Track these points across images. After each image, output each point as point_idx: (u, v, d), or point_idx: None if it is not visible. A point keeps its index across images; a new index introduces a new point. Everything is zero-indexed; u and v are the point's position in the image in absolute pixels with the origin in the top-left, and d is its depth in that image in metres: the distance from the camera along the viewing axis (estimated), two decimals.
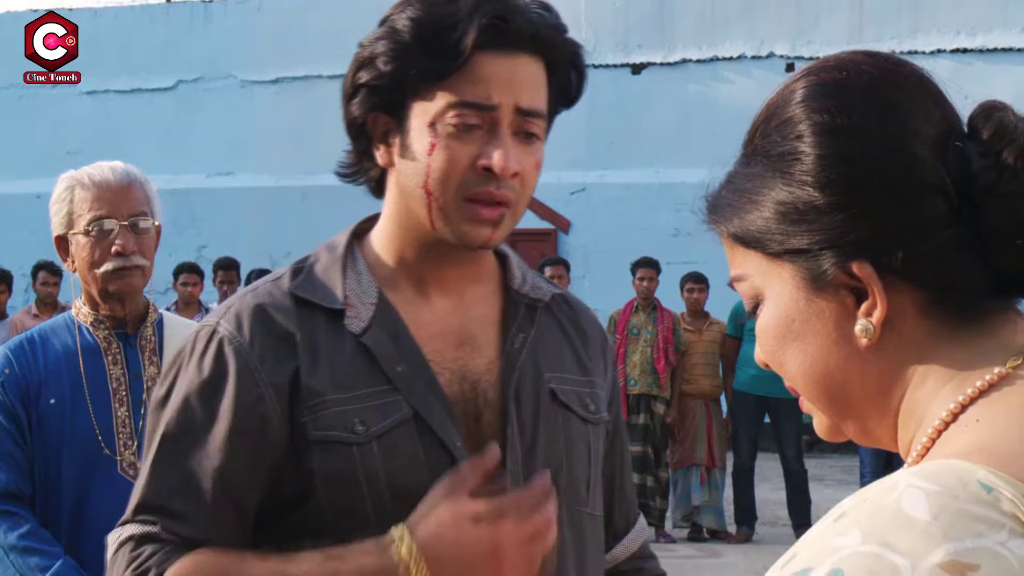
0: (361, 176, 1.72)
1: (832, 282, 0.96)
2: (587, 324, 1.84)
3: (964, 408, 0.92)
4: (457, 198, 1.59)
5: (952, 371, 0.94)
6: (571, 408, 1.73)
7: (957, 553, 0.79)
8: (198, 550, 1.59)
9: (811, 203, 0.95)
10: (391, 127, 1.64)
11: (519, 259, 1.81)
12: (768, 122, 1.01)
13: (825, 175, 0.95)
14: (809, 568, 0.82)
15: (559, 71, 1.65)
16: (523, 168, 1.60)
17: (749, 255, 1.01)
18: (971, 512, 0.82)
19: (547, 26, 1.62)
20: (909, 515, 0.82)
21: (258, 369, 1.61)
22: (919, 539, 0.80)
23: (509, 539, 1.57)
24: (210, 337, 1.64)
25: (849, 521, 0.84)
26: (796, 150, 0.97)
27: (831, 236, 0.95)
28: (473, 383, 1.67)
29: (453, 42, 1.56)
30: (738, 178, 1.02)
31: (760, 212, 0.99)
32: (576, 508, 1.72)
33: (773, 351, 1.02)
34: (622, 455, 1.90)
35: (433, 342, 1.67)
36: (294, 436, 1.60)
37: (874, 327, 0.95)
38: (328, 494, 1.59)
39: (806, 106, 0.97)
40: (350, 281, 1.67)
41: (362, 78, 1.63)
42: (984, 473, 0.84)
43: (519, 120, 1.60)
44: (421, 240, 1.66)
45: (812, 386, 1.01)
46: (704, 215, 1.05)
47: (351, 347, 1.63)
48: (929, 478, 0.84)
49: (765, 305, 1.01)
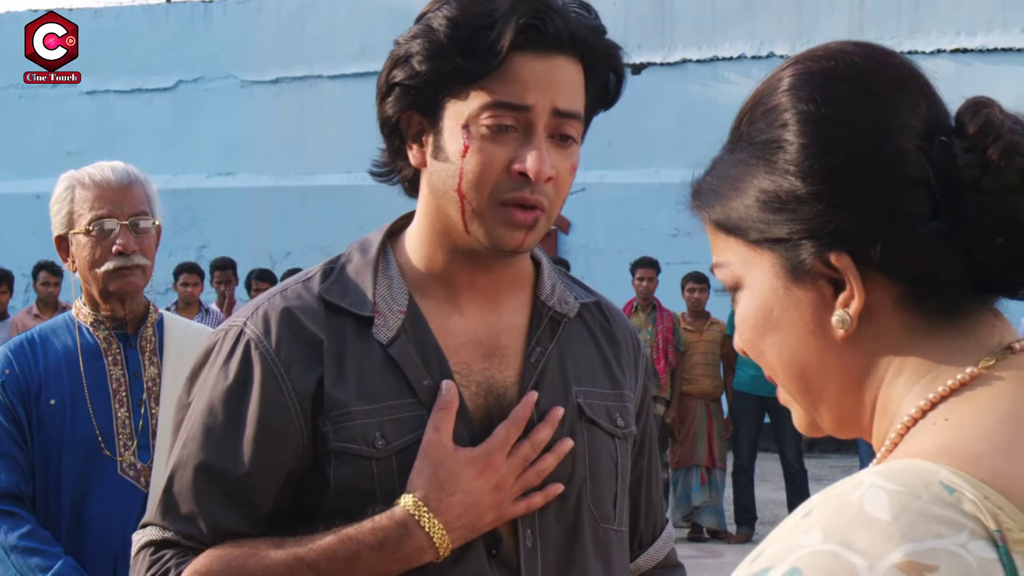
0: (395, 175, 1.69)
1: (811, 272, 0.96)
2: (620, 333, 1.81)
3: (934, 405, 0.92)
4: (491, 202, 1.56)
5: (926, 367, 0.94)
6: (598, 423, 1.71)
7: (915, 554, 0.79)
8: (214, 546, 1.60)
9: (793, 192, 0.95)
10: (424, 127, 1.61)
11: (552, 268, 1.77)
12: (754, 109, 1.01)
13: (808, 164, 0.94)
14: (770, 567, 0.83)
15: (598, 73, 1.62)
16: (558, 172, 1.57)
17: (730, 242, 1.01)
18: (932, 513, 0.81)
19: (586, 27, 1.59)
20: (870, 515, 0.82)
21: (283, 376, 1.59)
22: (878, 539, 0.80)
23: (504, 473, 1.59)
24: (237, 339, 1.63)
25: (812, 520, 0.84)
26: (780, 138, 0.96)
27: (811, 226, 0.94)
28: (499, 396, 1.65)
29: (490, 42, 1.54)
30: (723, 164, 1.02)
31: (742, 200, 0.98)
32: (601, 526, 1.70)
33: (751, 340, 1.02)
34: (650, 463, 1.87)
35: (461, 352, 1.65)
36: (315, 445, 1.59)
37: (851, 318, 0.95)
38: (342, 504, 1.58)
39: (792, 94, 0.97)
40: (380, 287, 1.65)
41: (396, 76, 1.60)
42: (947, 474, 0.84)
43: (555, 122, 1.57)
44: (453, 243, 1.63)
45: (789, 376, 1.01)
46: (688, 201, 1.05)
47: (378, 356, 1.61)
48: (892, 478, 0.84)
49: (744, 293, 1.01)
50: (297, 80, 15.52)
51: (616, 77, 1.65)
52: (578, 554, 1.66)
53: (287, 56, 15.48)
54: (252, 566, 1.56)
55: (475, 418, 1.63)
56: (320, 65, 15.14)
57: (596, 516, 1.69)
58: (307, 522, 1.61)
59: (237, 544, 1.59)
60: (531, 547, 1.63)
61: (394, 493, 1.57)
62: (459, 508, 1.56)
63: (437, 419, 1.58)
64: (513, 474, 1.60)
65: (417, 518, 1.55)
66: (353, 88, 14.12)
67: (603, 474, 1.70)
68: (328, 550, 1.55)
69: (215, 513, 1.60)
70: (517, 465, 1.60)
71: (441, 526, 1.55)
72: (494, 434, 1.60)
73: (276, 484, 1.60)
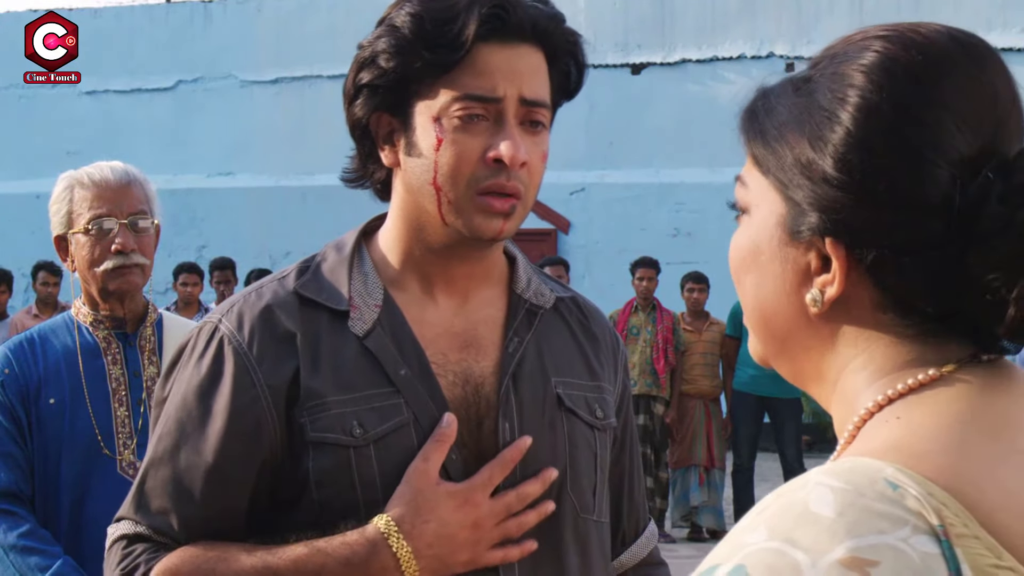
0: (366, 180, 1.71)
1: (806, 241, 0.97)
2: (598, 328, 1.82)
3: (891, 401, 0.93)
4: (468, 192, 1.58)
5: (890, 365, 0.95)
6: (577, 413, 1.72)
7: (858, 549, 0.80)
8: (185, 546, 1.60)
9: (823, 171, 0.95)
10: (395, 127, 1.63)
11: (528, 263, 1.79)
12: (834, 60, 0.99)
13: (845, 153, 0.94)
14: (717, 564, 0.84)
15: (559, 62, 1.65)
16: (531, 158, 1.60)
17: (756, 172, 1.01)
18: (875, 509, 0.82)
19: (546, 16, 1.62)
20: (815, 512, 0.83)
21: (255, 370, 1.60)
22: (822, 536, 0.81)
23: (483, 513, 1.59)
24: (211, 335, 1.64)
25: (761, 518, 0.85)
26: (835, 113, 0.95)
27: (823, 205, 0.95)
28: (476, 386, 1.66)
29: (454, 34, 1.56)
30: (782, 99, 1.01)
31: (781, 148, 0.98)
32: (581, 515, 1.71)
33: (736, 268, 1.04)
34: (631, 461, 1.88)
35: (437, 343, 1.66)
36: (291, 437, 1.60)
37: (823, 303, 0.96)
38: (321, 495, 1.59)
39: (867, 75, 0.95)
40: (356, 282, 1.66)
41: (364, 78, 1.62)
42: (892, 471, 0.85)
43: (523, 110, 1.60)
44: (430, 238, 1.65)
45: (757, 318, 1.03)
46: (738, 118, 1.04)
47: (354, 348, 1.62)
48: (838, 476, 0.85)
49: (747, 221, 1.02)
50: (297, 80, 15.52)
51: (577, 66, 1.68)
52: (558, 543, 1.67)
53: (287, 56, 15.48)
54: (221, 571, 1.57)
55: (454, 408, 1.63)
56: (320, 65, 15.14)
57: (576, 506, 1.70)
58: (285, 515, 1.61)
59: (209, 546, 1.60)
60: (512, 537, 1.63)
61: (373, 482, 1.58)
62: (431, 537, 1.56)
63: (429, 449, 1.59)
64: (493, 517, 1.60)
65: (387, 537, 1.55)
66: None
67: (582, 464, 1.71)
68: (298, 560, 1.56)
69: (186, 508, 1.61)
70: (499, 510, 1.61)
71: (410, 550, 1.55)
72: (479, 472, 1.61)
73: (249, 477, 1.60)
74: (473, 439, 1.64)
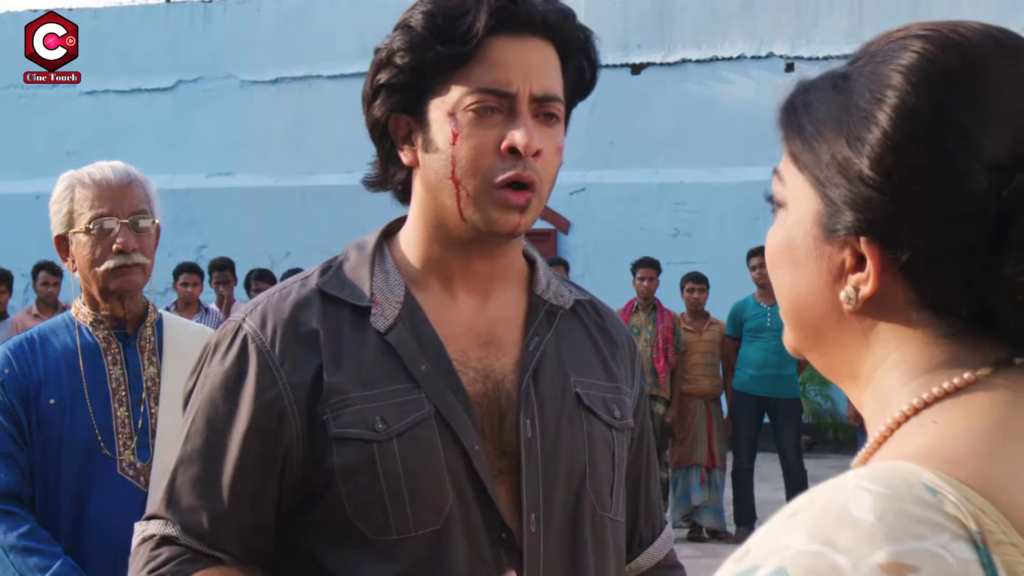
0: (388, 183, 1.74)
1: (841, 239, 0.96)
2: (615, 330, 1.84)
3: (927, 405, 0.93)
4: (486, 184, 1.60)
5: (925, 366, 0.95)
6: (596, 412, 1.74)
7: (898, 554, 0.80)
8: (211, 568, 1.61)
9: (859, 171, 0.94)
10: (413, 126, 1.66)
11: (547, 267, 1.82)
12: (874, 58, 0.99)
13: (881, 155, 0.93)
14: (756, 566, 0.83)
15: (572, 59, 1.67)
16: (545, 148, 1.62)
17: (793, 168, 1.01)
18: (913, 514, 0.82)
19: (556, 11, 1.65)
20: (854, 516, 0.82)
21: (278, 368, 1.62)
22: (862, 539, 0.81)
23: None
24: (235, 334, 1.67)
25: (799, 520, 0.85)
26: (873, 113, 0.95)
27: (859, 205, 0.94)
28: (497, 382, 1.68)
29: (465, 27, 1.59)
30: (821, 98, 1.00)
31: (819, 146, 0.98)
32: (599, 512, 1.72)
33: (772, 260, 1.04)
34: (648, 462, 1.90)
35: (458, 341, 1.68)
36: (314, 434, 1.61)
37: (856, 301, 0.96)
38: (348, 490, 1.60)
39: (906, 77, 0.95)
40: (377, 279, 1.69)
41: (381, 79, 1.66)
42: (930, 476, 0.85)
43: (536, 103, 1.62)
44: (449, 235, 1.67)
45: (791, 312, 1.03)
46: (777, 113, 1.03)
47: (376, 344, 1.64)
48: (876, 479, 0.85)
49: (783, 216, 1.02)
50: (297, 80, 15.53)
51: (589, 63, 1.70)
52: (578, 540, 1.69)
53: (287, 56, 15.49)
54: None
55: (475, 402, 1.65)
56: (320, 65, 15.15)
57: (595, 503, 1.71)
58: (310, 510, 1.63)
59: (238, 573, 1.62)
60: (534, 532, 1.65)
61: (397, 476, 1.59)
62: None
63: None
64: None
65: None
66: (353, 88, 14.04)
67: (601, 462, 1.73)
68: None
69: (216, 505, 1.62)
70: None
71: None
72: None
73: (274, 474, 1.62)
74: (495, 434, 1.66)
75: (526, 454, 1.66)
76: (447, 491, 1.61)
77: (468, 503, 1.62)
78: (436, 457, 1.61)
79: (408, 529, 1.59)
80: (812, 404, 13.32)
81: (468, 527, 1.61)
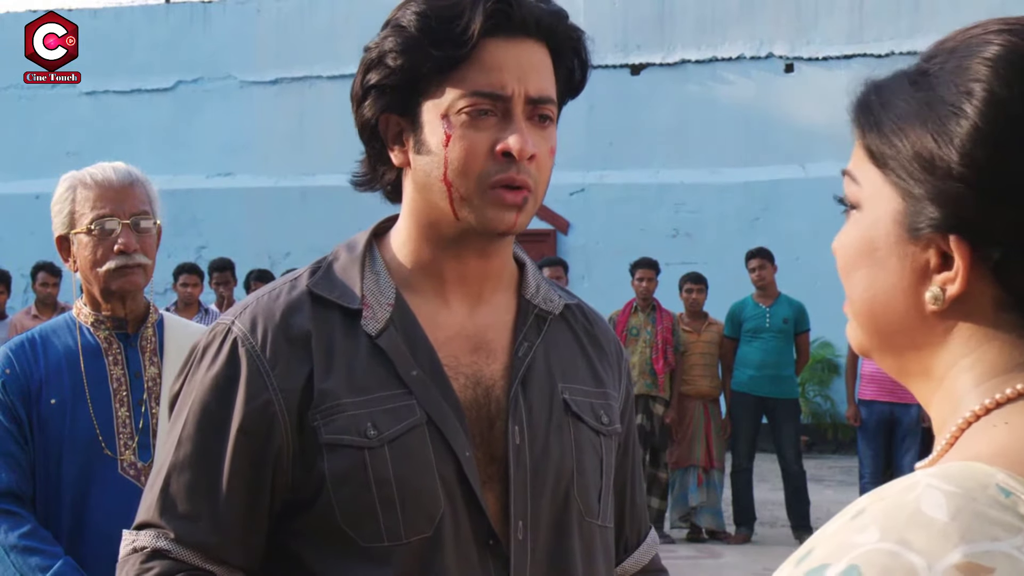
0: (376, 183, 1.71)
1: (926, 238, 0.95)
2: (603, 336, 1.83)
3: (999, 405, 0.92)
4: (479, 186, 1.59)
5: (1000, 367, 0.94)
6: (583, 419, 1.73)
7: (973, 555, 0.80)
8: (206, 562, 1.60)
9: (947, 164, 0.93)
10: (404, 127, 1.64)
11: (537, 270, 1.80)
12: (953, 53, 0.97)
13: (972, 147, 0.92)
14: (827, 564, 0.82)
15: (563, 58, 1.66)
16: (539, 152, 1.61)
17: (869, 166, 0.99)
18: (988, 515, 0.82)
19: (549, 12, 1.63)
20: (927, 515, 0.82)
21: (268, 373, 1.60)
22: (936, 539, 0.80)
23: None
24: (224, 337, 1.64)
25: (867, 518, 0.84)
26: (960, 106, 0.93)
27: (946, 201, 0.93)
28: (487, 388, 1.67)
29: (460, 30, 1.57)
30: (898, 93, 0.98)
31: (900, 140, 0.96)
32: (587, 519, 1.71)
33: (845, 264, 1.01)
34: (634, 468, 1.89)
35: (449, 345, 1.66)
36: (305, 440, 1.60)
37: (944, 300, 0.94)
38: (338, 496, 1.58)
39: (993, 69, 0.93)
40: (368, 281, 1.67)
41: (372, 79, 1.63)
42: (1003, 477, 0.84)
43: (531, 106, 1.61)
44: (442, 235, 1.65)
45: (866, 314, 1.01)
46: (851, 111, 1.02)
47: (366, 348, 1.63)
48: (948, 479, 0.84)
49: (858, 216, 1.00)
50: (296, 80, 15.53)
51: (580, 63, 1.68)
52: (565, 547, 1.68)
53: (286, 56, 15.49)
54: None
55: (466, 408, 1.64)
56: (319, 65, 15.15)
57: (582, 509, 1.70)
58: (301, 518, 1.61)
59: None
60: (521, 539, 1.64)
61: (389, 483, 1.58)
62: None
63: None
64: None
65: None
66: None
67: (588, 468, 1.72)
68: None
69: (211, 512, 1.61)
70: None
71: None
72: None
73: (265, 480, 1.61)
74: (485, 441, 1.65)
75: (514, 461, 1.64)
76: (439, 498, 1.59)
77: (459, 510, 1.61)
78: (427, 464, 1.60)
79: (399, 536, 1.58)
80: (811, 404, 13.33)
81: (458, 534, 1.60)
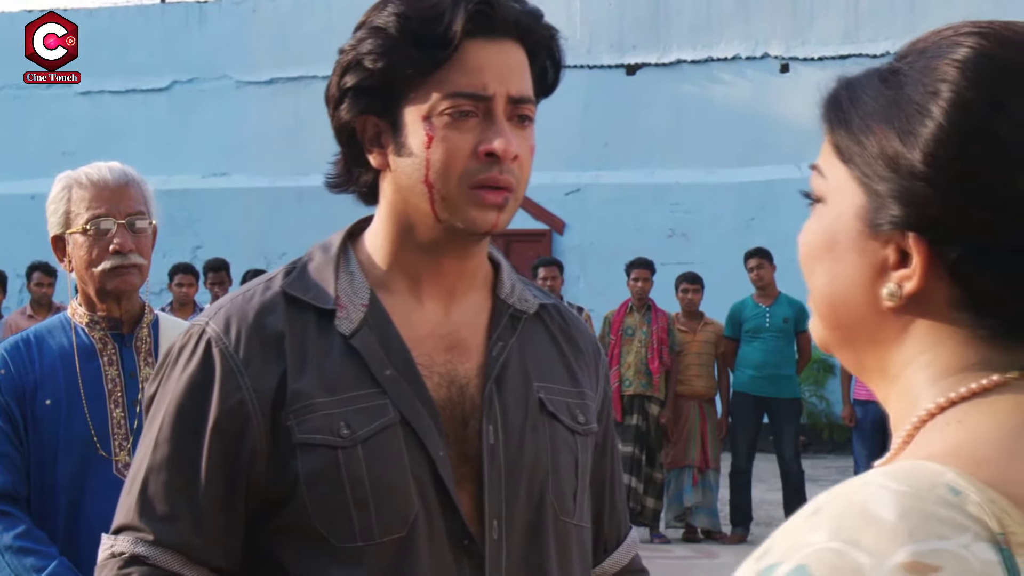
0: (351, 184, 1.71)
1: (886, 234, 0.95)
2: (579, 335, 1.83)
3: (953, 404, 0.92)
4: (461, 186, 1.59)
5: (956, 366, 0.94)
6: (559, 418, 1.72)
7: (920, 554, 0.80)
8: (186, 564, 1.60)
9: (910, 165, 0.93)
10: (383, 128, 1.63)
11: (511, 270, 1.80)
12: (924, 54, 0.97)
13: (936, 149, 0.92)
14: (778, 563, 0.83)
15: (537, 58, 1.66)
16: (521, 151, 1.61)
17: (835, 161, 1.00)
18: (936, 514, 0.82)
19: (527, 13, 1.64)
20: (876, 514, 0.82)
21: (241, 373, 1.61)
22: (884, 538, 0.81)
23: None
24: (199, 338, 1.64)
25: (820, 518, 0.84)
26: (926, 106, 0.93)
27: (908, 199, 0.93)
28: (461, 387, 1.67)
29: (441, 31, 1.57)
30: (867, 90, 0.99)
31: (866, 139, 0.96)
32: (562, 519, 1.71)
33: (807, 257, 1.02)
34: (613, 467, 1.89)
35: (423, 345, 1.66)
36: (278, 440, 1.60)
37: (900, 297, 0.94)
38: (312, 496, 1.59)
39: (961, 71, 0.93)
40: (342, 281, 1.66)
41: (348, 82, 1.62)
42: (953, 476, 0.84)
43: (512, 106, 1.61)
44: (420, 236, 1.65)
45: (825, 307, 1.01)
46: (821, 107, 1.02)
47: (340, 348, 1.63)
48: (898, 478, 0.84)
49: (822, 210, 1.00)
50: (292, 80, 15.52)
51: (552, 62, 1.68)
52: (541, 546, 1.68)
53: (282, 56, 15.48)
54: None
55: (440, 408, 1.64)
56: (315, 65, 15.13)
57: (557, 509, 1.70)
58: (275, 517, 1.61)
59: None
60: (496, 539, 1.64)
61: (362, 482, 1.58)
62: None
63: None
64: None
65: None
66: None
67: (563, 468, 1.72)
68: None
69: (195, 512, 1.61)
70: None
71: None
72: None
73: (238, 478, 1.61)
74: (459, 440, 1.65)
75: (489, 460, 1.64)
76: (412, 498, 1.59)
77: (432, 510, 1.60)
78: (401, 464, 1.60)
79: (373, 536, 1.58)
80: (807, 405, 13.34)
81: (432, 534, 1.60)
